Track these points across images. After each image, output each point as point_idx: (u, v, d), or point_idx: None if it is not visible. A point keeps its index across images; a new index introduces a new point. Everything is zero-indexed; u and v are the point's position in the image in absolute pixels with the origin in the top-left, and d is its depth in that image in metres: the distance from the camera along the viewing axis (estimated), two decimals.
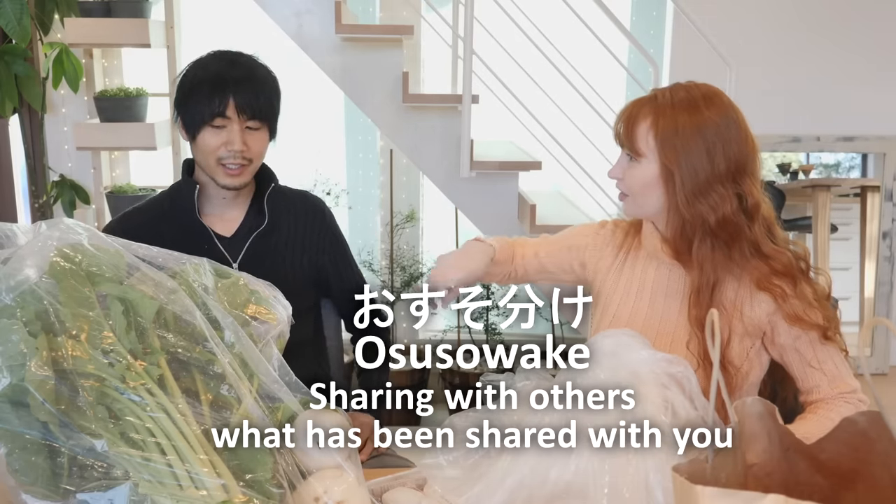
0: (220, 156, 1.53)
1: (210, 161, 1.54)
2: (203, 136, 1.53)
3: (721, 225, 1.32)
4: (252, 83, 1.54)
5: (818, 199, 3.69)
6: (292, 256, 1.64)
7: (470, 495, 1.02)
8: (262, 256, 1.61)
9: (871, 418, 0.84)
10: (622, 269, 1.47)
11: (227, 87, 1.51)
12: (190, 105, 1.53)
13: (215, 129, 1.52)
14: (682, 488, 0.77)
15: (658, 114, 1.33)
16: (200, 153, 1.56)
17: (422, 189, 3.86)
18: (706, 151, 1.31)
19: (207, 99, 1.51)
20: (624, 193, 1.40)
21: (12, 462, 0.84)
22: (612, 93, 3.33)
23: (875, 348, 3.85)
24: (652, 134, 1.32)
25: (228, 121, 1.52)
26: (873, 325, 0.76)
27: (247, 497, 0.87)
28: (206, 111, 1.51)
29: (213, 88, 1.51)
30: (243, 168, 1.55)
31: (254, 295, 1.09)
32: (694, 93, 1.34)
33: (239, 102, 1.51)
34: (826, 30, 3.66)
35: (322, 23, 2.79)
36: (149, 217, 1.62)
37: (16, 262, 0.93)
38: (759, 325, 1.34)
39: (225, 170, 1.54)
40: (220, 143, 1.52)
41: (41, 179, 3.22)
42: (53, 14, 3.05)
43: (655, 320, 1.40)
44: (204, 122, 1.52)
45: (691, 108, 1.32)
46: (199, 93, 1.52)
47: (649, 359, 1.10)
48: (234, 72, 1.53)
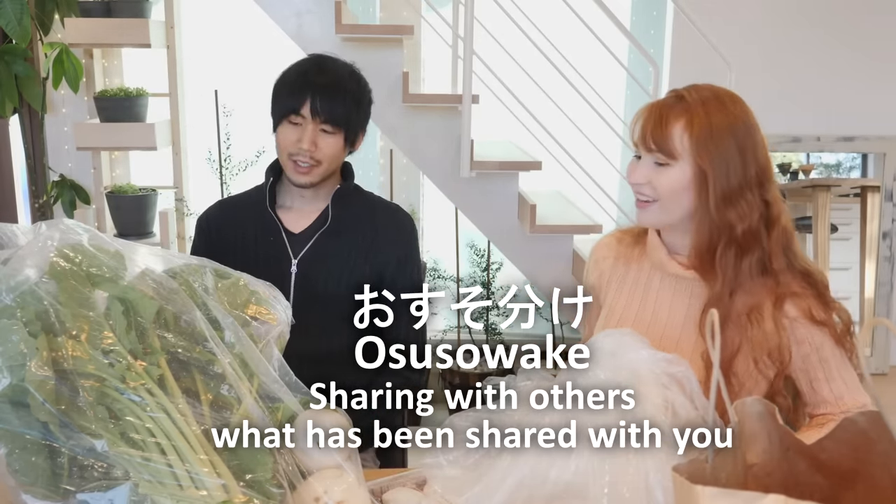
0: (291, 151, 1.60)
1: (283, 155, 1.62)
2: (280, 131, 1.61)
3: (746, 235, 1.29)
4: (334, 89, 1.60)
5: (818, 199, 3.69)
6: (354, 262, 1.66)
7: (470, 495, 1.02)
8: (322, 256, 1.65)
9: (871, 418, 0.84)
10: (625, 279, 1.46)
11: (307, 87, 1.58)
12: (275, 100, 1.62)
13: (291, 125, 1.59)
14: (682, 488, 0.77)
15: (692, 114, 1.28)
16: (278, 147, 1.63)
17: (422, 189, 3.85)
18: (738, 153, 1.28)
19: (288, 96, 1.59)
20: (647, 200, 1.34)
21: (12, 462, 0.84)
22: (612, 93, 3.33)
23: (875, 348, 3.85)
24: (687, 135, 1.28)
25: (303, 119, 1.58)
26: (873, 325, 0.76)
27: (247, 497, 0.87)
28: (284, 107, 1.59)
29: (294, 87, 1.59)
30: (311, 168, 1.61)
31: (254, 295, 1.09)
32: (718, 93, 1.31)
33: (315, 104, 1.57)
34: (826, 30, 3.66)
35: (322, 23, 2.79)
36: (240, 208, 1.72)
37: (16, 262, 0.93)
38: (771, 338, 1.31)
39: (294, 166, 1.61)
40: (292, 140, 1.59)
41: (41, 179, 3.22)
42: (53, 14, 3.05)
43: (658, 330, 1.39)
44: (282, 116, 1.60)
45: (722, 108, 1.29)
46: (284, 90, 1.60)
47: (649, 359, 1.10)
48: (318, 75, 1.60)
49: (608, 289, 1.49)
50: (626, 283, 1.46)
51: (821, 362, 1.32)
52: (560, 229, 2.84)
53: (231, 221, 1.71)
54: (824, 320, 1.31)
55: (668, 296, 1.40)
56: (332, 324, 1.50)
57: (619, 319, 1.44)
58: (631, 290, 1.45)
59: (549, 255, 2.89)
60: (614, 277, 1.48)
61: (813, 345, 1.31)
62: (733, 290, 1.31)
